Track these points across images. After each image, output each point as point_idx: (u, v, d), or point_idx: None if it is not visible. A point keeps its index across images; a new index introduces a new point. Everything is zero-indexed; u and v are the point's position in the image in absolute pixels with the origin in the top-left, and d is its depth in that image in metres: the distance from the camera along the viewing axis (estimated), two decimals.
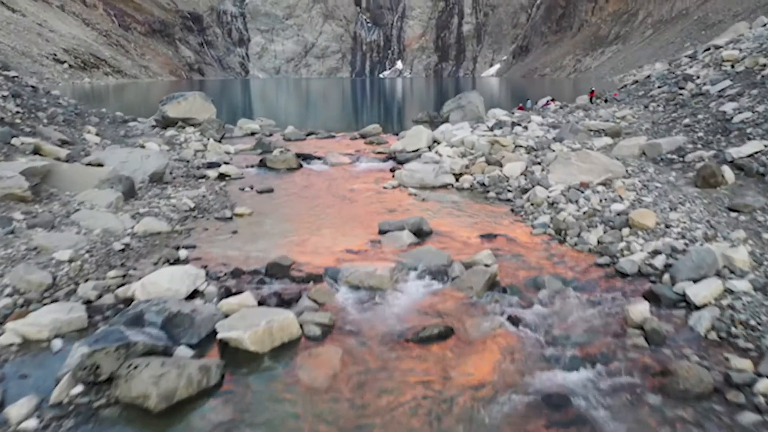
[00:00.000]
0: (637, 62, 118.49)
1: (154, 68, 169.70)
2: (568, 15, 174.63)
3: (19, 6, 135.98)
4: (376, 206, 9.30)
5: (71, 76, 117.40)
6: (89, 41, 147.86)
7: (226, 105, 44.17)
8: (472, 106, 18.89)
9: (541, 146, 11.97)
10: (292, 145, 16.45)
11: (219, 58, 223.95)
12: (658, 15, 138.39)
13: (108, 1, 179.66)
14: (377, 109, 40.91)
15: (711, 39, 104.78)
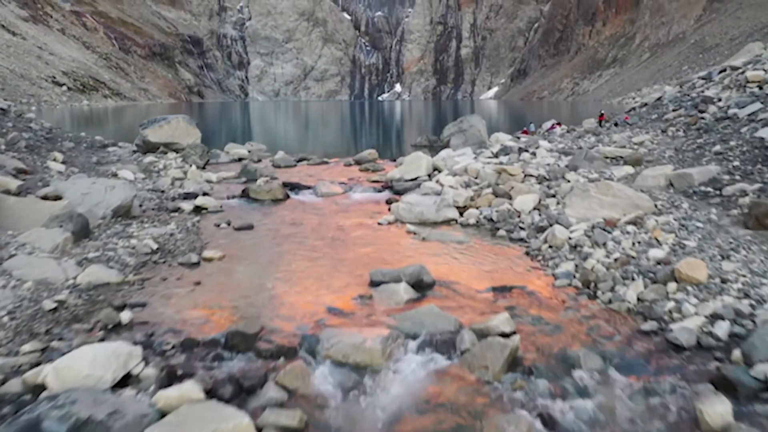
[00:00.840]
0: (635, 85, 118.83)
1: (154, 91, 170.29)
2: (565, 38, 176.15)
3: (20, 29, 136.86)
4: (368, 248, 8.00)
5: (70, 98, 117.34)
6: (89, 64, 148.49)
7: (219, 128, 43.15)
8: (474, 131, 17.78)
9: (554, 176, 10.74)
10: (281, 172, 15.24)
11: (218, 80, 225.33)
12: (655, 39, 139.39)
13: (109, 24, 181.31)
14: (374, 133, 39.96)
15: (709, 62, 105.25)
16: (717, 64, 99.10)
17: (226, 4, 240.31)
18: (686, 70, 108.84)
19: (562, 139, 16.79)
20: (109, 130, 40.69)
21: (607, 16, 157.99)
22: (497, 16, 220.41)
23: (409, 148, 23.26)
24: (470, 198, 10.27)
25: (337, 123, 53.56)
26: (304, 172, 15.28)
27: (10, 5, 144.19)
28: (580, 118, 52.69)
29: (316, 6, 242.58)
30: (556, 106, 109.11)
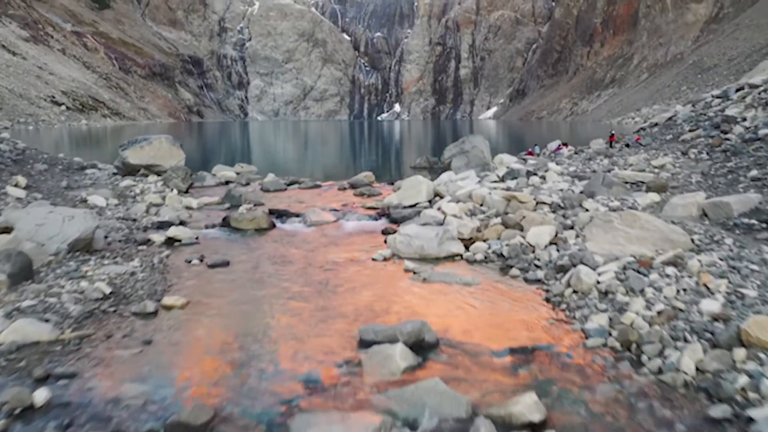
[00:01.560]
0: (633, 105, 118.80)
1: (153, 110, 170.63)
2: (563, 59, 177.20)
3: (20, 50, 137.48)
4: (360, 293, 6.78)
5: (68, 118, 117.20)
6: (89, 83, 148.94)
7: (213, 148, 42.16)
8: (477, 152, 16.71)
9: (570, 203, 9.58)
10: (269, 197, 14.10)
11: (218, 100, 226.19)
12: (653, 59, 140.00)
13: (109, 44, 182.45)
14: (372, 154, 38.81)
15: (707, 82, 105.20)
16: (716, 85, 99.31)
17: (226, 25, 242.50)
18: (685, 90, 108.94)
19: (572, 162, 15.74)
20: (103, 150, 39.72)
21: (604, 37, 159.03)
22: (496, 37, 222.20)
23: (408, 170, 22.19)
24: (477, 229, 9.10)
25: (334, 143, 52.44)
26: (295, 197, 14.11)
27: (11, 26, 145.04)
28: (583, 138, 51.73)
29: (315, 27, 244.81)
30: (555, 126, 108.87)
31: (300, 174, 19.33)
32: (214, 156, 32.70)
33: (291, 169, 23.90)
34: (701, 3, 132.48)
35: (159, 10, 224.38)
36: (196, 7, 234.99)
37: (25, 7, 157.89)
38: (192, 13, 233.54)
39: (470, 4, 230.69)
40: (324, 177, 18.83)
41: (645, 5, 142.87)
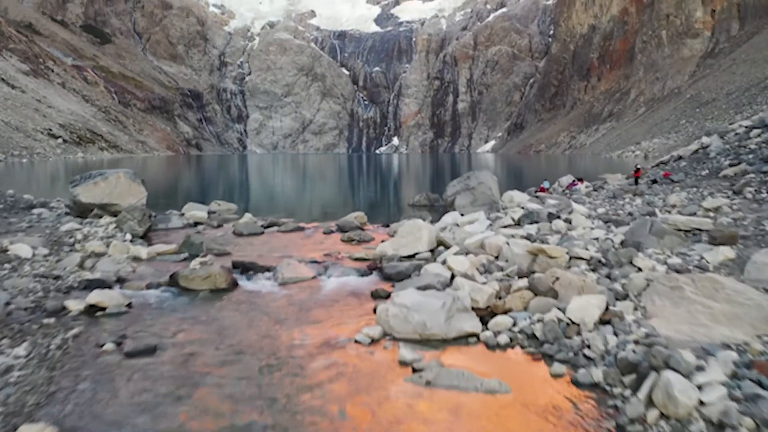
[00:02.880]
0: (632, 138, 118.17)
1: (152, 143, 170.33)
2: (561, 93, 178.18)
3: (20, 83, 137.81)
4: (328, 413, 4.47)
5: (64, 150, 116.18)
6: (87, 116, 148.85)
7: (196, 183, 39.93)
8: (484, 189, 14.62)
9: (616, 259, 7.36)
10: (241, 243, 11.89)
11: (217, 133, 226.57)
12: (650, 93, 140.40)
13: (109, 78, 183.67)
14: (367, 189, 36.23)
15: (707, 116, 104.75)
16: (716, 118, 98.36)
17: (226, 60, 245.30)
18: (684, 123, 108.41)
19: (595, 200, 13.61)
20: None
21: (601, 72, 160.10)
22: (493, 72, 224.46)
23: (406, 207, 20.08)
24: (496, 295, 6.85)
25: (328, 177, 50.09)
26: (270, 244, 11.89)
27: (11, 59, 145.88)
28: (589, 172, 49.75)
29: (315, 62, 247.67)
30: (554, 159, 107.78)
31: (285, 212, 17.25)
32: (194, 192, 30.41)
33: (276, 206, 21.88)
34: (697, 38, 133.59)
35: (160, 44, 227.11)
36: (197, 42, 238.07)
37: (27, 41, 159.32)
38: (192, 48, 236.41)
39: (468, 39, 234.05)
40: (311, 217, 16.73)
41: (641, 40, 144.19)
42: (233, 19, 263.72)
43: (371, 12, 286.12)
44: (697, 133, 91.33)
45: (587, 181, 23.13)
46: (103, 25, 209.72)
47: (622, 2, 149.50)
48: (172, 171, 60.62)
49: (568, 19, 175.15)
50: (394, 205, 24.46)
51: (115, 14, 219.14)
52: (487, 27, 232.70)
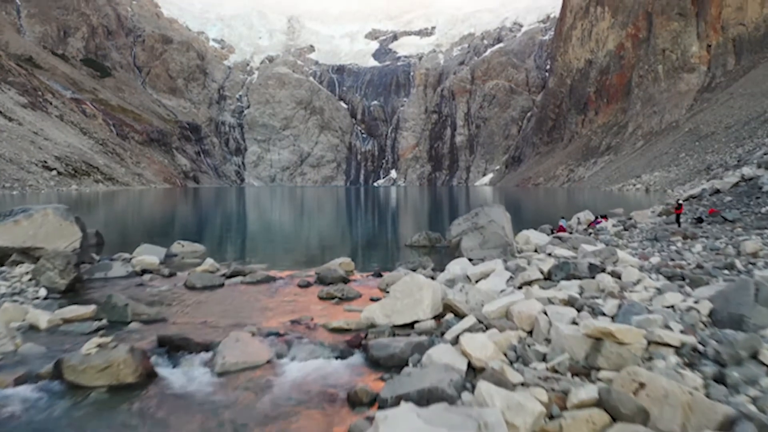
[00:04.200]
0: (632, 172, 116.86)
1: (148, 176, 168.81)
2: (558, 127, 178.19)
3: (17, 115, 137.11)
4: None
5: (58, 183, 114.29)
6: (84, 149, 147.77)
7: (171, 218, 36.53)
8: (496, 228, 12.16)
9: (730, 353, 4.75)
10: (189, 300, 9.36)
11: (215, 166, 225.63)
12: (648, 127, 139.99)
13: (108, 111, 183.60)
14: (361, 225, 32.87)
15: (707, 149, 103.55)
16: (716, 152, 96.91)
17: (225, 93, 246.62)
18: (684, 157, 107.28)
19: (630, 242, 11.11)
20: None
21: (599, 106, 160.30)
22: (491, 106, 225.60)
23: (403, 248, 17.44)
24: (545, 415, 4.21)
25: (320, 211, 46.47)
26: (226, 303, 9.34)
27: (9, 92, 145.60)
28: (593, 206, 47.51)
29: (313, 95, 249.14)
30: (554, 193, 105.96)
31: (261, 255, 14.79)
32: (166, 228, 27.58)
33: (253, 247, 19.87)
34: (693, 73, 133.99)
35: (160, 78, 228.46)
36: (197, 75, 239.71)
37: (26, 74, 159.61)
38: (192, 82, 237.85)
39: (465, 73, 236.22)
40: (289, 261, 14.34)
41: (637, 75, 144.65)
42: (233, 53, 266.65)
43: (369, 47, 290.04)
44: (699, 167, 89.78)
45: (595, 214, 20.68)
46: (103, 59, 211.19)
47: (617, 37, 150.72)
48: (157, 204, 57.86)
49: (565, 54, 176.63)
50: (389, 245, 21.31)
51: (116, 48, 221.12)
52: (484, 62, 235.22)
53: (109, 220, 33.11)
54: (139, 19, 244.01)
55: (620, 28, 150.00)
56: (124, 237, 21.77)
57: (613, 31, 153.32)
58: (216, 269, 12.02)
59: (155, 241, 15.29)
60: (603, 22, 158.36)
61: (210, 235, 23.00)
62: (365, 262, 14.12)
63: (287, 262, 14.27)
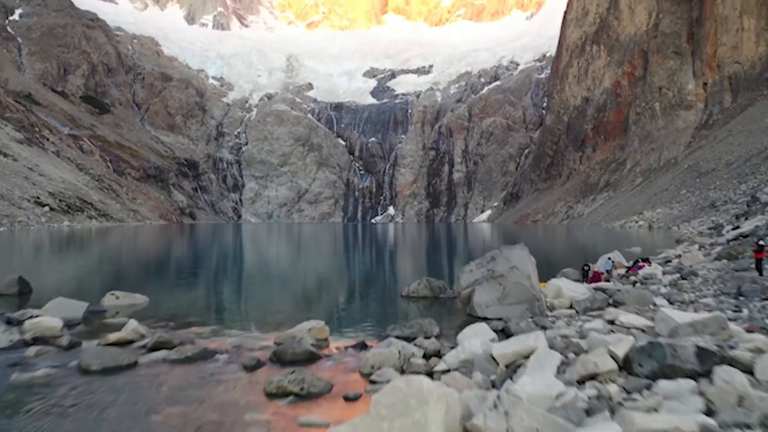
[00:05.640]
0: (632, 209, 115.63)
1: (144, 212, 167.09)
2: (556, 163, 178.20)
3: (12, 151, 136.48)
4: None
5: (49, 219, 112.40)
6: (79, 185, 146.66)
7: (142, 258, 33.25)
8: (519, 277, 9.89)
9: None
10: (68, 395, 6.88)
11: (212, 202, 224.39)
12: (646, 164, 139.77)
13: (105, 147, 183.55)
14: (348, 269, 27.90)
15: (709, 186, 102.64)
16: (718, 188, 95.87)
17: (224, 130, 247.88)
18: (685, 193, 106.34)
19: (703, 298, 8.99)
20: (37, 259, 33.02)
21: (596, 142, 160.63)
22: (488, 142, 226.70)
23: (398, 299, 14.97)
24: None
25: (308, 252, 41.90)
26: (120, 404, 6.56)
27: (6, 128, 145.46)
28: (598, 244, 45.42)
29: (311, 132, 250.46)
30: (554, 229, 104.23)
31: (216, 310, 12.50)
32: (116, 273, 24.09)
33: (209, 299, 16.46)
34: (690, 110, 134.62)
35: (158, 115, 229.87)
36: (195, 112, 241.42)
37: (24, 111, 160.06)
38: (191, 119, 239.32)
39: (462, 111, 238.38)
40: (248, 321, 11.98)
41: (635, 112, 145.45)
42: (232, 90, 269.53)
43: (367, 85, 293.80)
44: (702, 203, 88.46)
45: (604, 252, 18.44)
46: (103, 96, 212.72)
47: (614, 75, 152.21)
48: (133, 242, 55.19)
49: (562, 92, 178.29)
50: (382, 295, 17.33)
51: (116, 85, 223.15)
52: (482, 99, 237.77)
53: (65, 261, 29.49)
54: (140, 57, 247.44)
55: (616, 66, 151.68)
56: (66, 283, 18.62)
57: (609, 69, 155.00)
58: (139, 336, 9.33)
59: (100, 288, 13.10)
60: (599, 60, 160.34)
61: (165, 281, 19.91)
62: (347, 322, 11.57)
63: (245, 322, 11.78)
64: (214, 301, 16.27)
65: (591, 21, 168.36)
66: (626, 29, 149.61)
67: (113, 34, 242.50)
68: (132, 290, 14.08)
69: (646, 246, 33.79)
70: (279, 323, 11.62)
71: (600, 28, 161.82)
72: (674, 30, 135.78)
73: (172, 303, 14.87)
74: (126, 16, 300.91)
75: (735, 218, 40.94)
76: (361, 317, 12.95)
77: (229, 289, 19.58)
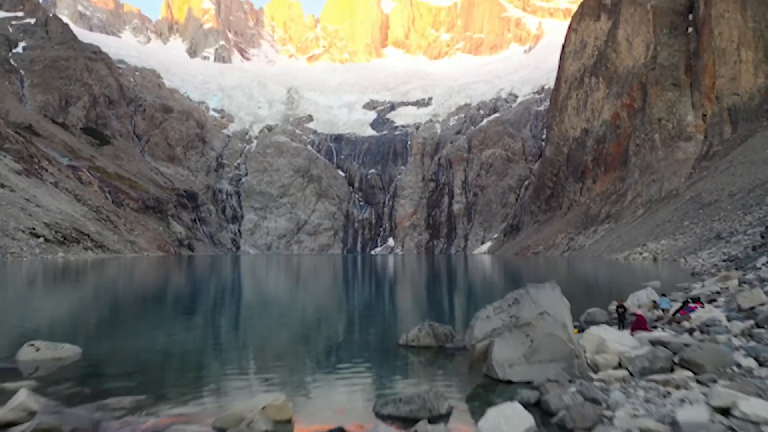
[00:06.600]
0: (634, 240, 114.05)
1: (142, 243, 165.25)
2: (556, 195, 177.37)
3: (10, 182, 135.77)
4: None
5: (44, 250, 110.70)
6: (76, 216, 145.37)
7: (112, 296, 28.89)
8: (552, 326, 7.77)
9: None
10: None
11: (211, 233, 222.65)
12: (647, 195, 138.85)
13: (104, 178, 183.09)
14: (338, 309, 24.33)
15: (712, 217, 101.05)
16: (723, 219, 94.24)
17: (224, 161, 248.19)
18: (688, 224, 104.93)
19: None
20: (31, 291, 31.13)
21: (596, 174, 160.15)
22: (488, 174, 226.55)
23: (396, 349, 12.34)
24: None
25: (296, 288, 37.49)
26: None
27: (5, 159, 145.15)
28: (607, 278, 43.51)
29: (311, 164, 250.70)
30: (557, 262, 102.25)
31: (157, 368, 10.36)
32: (72, 315, 20.81)
33: (154, 351, 13.41)
34: (690, 141, 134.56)
35: (158, 146, 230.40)
36: (195, 144, 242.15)
37: (24, 142, 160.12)
38: (191, 150, 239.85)
39: (462, 142, 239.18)
40: (190, 391, 9.24)
41: (634, 144, 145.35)
42: (232, 122, 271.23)
43: (367, 117, 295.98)
44: (707, 235, 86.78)
45: (616, 290, 16.54)
46: (103, 128, 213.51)
47: (613, 107, 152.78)
48: (116, 276, 52.71)
49: (561, 123, 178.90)
50: (374, 344, 14.37)
51: (117, 117, 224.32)
52: (481, 131, 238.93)
53: (17, 299, 26.02)
54: (141, 89, 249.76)
55: (615, 97, 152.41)
56: (9, 330, 15.75)
57: (608, 101, 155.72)
58: (26, 415, 6.81)
59: (32, 334, 11.09)
60: (598, 92, 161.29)
61: (117, 324, 17.36)
62: (323, 391, 9.11)
63: (186, 390, 9.07)
64: (160, 354, 13.30)
65: (589, 53, 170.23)
66: (624, 61, 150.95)
67: (115, 67, 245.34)
68: (72, 336, 11.96)
69: (662, 279, 31.80)
70: (230, 393, 9.04)
71: (598, 60, 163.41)
72: (672, 62, 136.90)
73: (108, 356, 12.26)
74: (129, 49, 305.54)
75: (752, 249, 39.27)
76: (344, 382, 10.01)
77: (186, 337, 16.13)
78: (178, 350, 13.88)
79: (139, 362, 12.05)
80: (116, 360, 12.07)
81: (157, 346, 14.23)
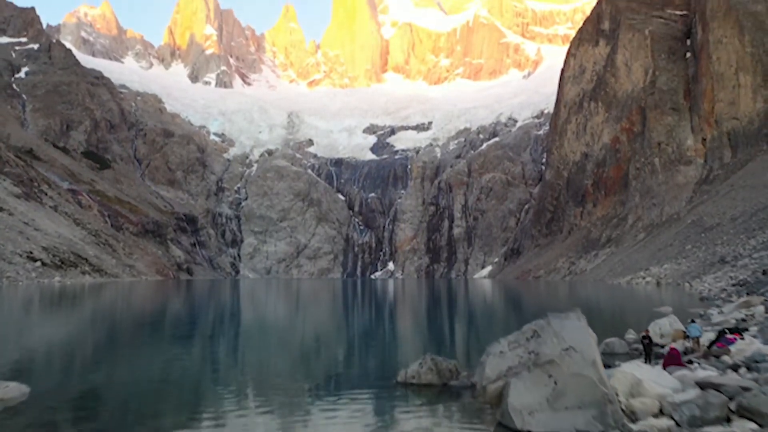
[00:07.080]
0: (636, 264, 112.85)
1: (140, 267, 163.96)
2: (557, 219, 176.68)
3: (9, 205, 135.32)
4: None
5: (40, 274, 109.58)
6: (75, 239, 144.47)
7: (86, 326, 26.81)
8: (579, 364, 6.63)
9: None
10: None
11: (210, 258, 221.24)
12: (648, 219, 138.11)
13: (104, 202, 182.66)
14: (332, 341, 22.33)
15: (715, 241, 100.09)
16: (725, 243, 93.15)
17: (224, 185, 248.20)
18: (690, 248, 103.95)
19: None
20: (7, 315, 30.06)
21: (596, 198, 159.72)
22: (488, 198, 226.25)
23: (393, 389, 10.78)
24: None
25: (290, 315, 35.36)
26: None
27: (4, 182, 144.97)
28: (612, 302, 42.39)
29: (311, 188, 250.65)
30: (558, 286, 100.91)
31: (111, 415, 9.29)
32: (27, 348, 18.34)
33: (113, 393, 11.58)
34: (690, 165, 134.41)
35: (159, 170, 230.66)
36: (196, 168, 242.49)
37: (24, 166, 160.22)
38: (191, 174, 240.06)
39: (462, 167, 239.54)
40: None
41: (634, 167, 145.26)
42: (233, 146, 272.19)
43: (367, 141, 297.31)
44: (711, 259, 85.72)
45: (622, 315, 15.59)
46: (104, 152, 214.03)
47: (612, 131, 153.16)
48: (104, 302, 51.41)
49: (561, 147, 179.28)
50: (371, 380, 12.95)
51: (117, 141, 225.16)
52: (481, 155, 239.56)
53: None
54: (143, 113, 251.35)
55: (614, 122, 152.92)
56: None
57: (607, 125, 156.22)
58: None
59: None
60: (597, 116, 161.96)
61: (80, 358, 15.74)
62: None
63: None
64: (118, 395, 11.36)
65: (588, 78, 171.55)
66: (623, 86, 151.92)
67: (117, 92, 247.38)
68: (22, 374, 10.82)
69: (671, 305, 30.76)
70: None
71: (597, 85, 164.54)
72: (671, 87, 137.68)
73: (58, 398, 10.60)
74: (131, 74, 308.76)
75: (762, 274, 38.33)
76: (332, 424, 8.60)
77: (152, 373, 13.99)
78: (140, 386, 12.09)
79: (93, 403, 10.49)
80: (65, 401, 10.49)
81: (112, 382, 12.55)
